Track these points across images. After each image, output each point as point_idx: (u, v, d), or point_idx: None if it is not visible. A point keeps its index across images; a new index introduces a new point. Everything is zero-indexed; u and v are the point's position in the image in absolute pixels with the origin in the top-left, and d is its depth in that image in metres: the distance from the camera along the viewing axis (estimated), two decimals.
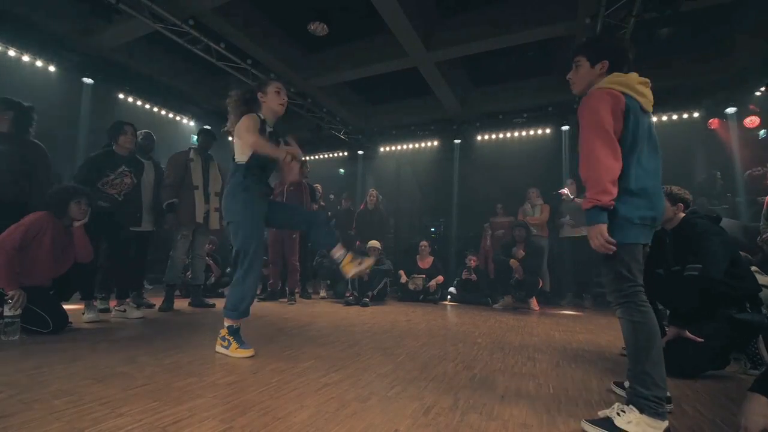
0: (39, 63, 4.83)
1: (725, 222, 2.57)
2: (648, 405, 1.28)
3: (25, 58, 4.73)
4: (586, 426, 1.34)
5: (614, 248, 1.36)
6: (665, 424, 1.28)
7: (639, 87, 1.46)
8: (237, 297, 2.17)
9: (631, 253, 1.40)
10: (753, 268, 2.44)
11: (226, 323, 2.19)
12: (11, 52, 4.62)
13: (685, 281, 2.07)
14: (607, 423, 1.31)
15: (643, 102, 1.46)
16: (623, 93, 1.43)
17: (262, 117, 2.26)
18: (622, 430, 1.27)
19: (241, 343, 2.14)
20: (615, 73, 1.49)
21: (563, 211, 5.34)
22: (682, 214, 2.23)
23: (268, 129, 2.30)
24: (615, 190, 1.36)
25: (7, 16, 4.50)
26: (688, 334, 2.09)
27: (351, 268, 2.22)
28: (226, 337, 2.17)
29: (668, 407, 1.44)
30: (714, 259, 2.00)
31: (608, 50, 1.55)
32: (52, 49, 4.89)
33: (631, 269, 1.39)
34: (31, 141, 3.02)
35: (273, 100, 2.28)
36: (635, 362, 1.35)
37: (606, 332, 3.41)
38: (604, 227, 1.36)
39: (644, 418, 1.28)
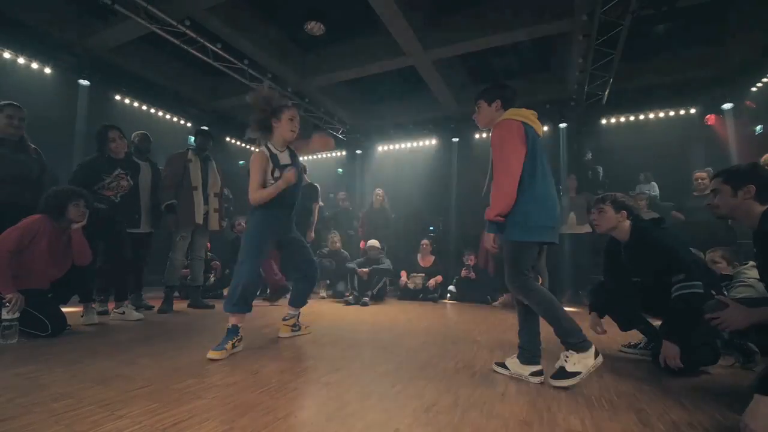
0: (35, 65, 4.80)
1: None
2: (579, 345, 1.72)
3: (21, 60, 4.70)
4: (553, 382, 1.73)
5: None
6: (593, 349, 1.74)
7: (531, 117, 1.91)
8: (232, 291, 2.23)
9: (530, 249, 1.83)
10: (751, 263, 2.46)
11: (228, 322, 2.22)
12: (6, 54, 4.59)
13: (685, 301, 1.88)
14: (562, 371, 1.74)
15: (537, 128, 1.91)
16: (522, 122, 1.86)
17: (271, 147, 2.37)
18: (574, 372, 1.71)
19: (218, 345, 2.10)
20: (512, 109, 1.94)
21: (565, 207, 5.34)
22: (627, 222, 2.18)
23: (279, 154, 2.38)
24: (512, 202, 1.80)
25: (2, 19, 4.48)
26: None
27: (285, 330, 2.64)
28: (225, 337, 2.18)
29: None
30: (694, 268, 1.92)
31: (498, 91, 2.02)
32: (47, 51, 4.86)
33: (526, 263, 1.82)
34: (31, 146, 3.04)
35: (285, 128, 2.36)
36: (557, 323, 1.76)
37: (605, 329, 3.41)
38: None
39: (580, 355, 1.72)
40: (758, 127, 5.28)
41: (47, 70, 4.93)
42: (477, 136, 7.31)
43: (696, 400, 1.63)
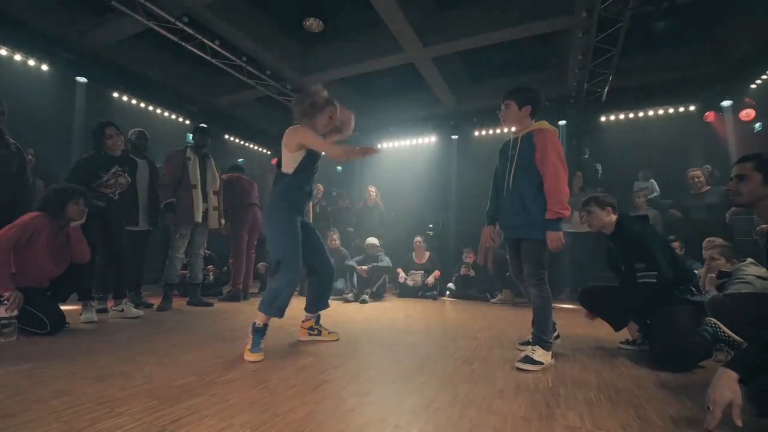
0: (31, 62, 4.78)
1: None
2: (547, 345, 2.03)
3: (17, 57, 4.68)
4: (520, 365, 1.94)
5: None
6: (551, 353, 2.06)
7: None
8: (272, 293, 2.15)
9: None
10: (749, 260, 2.47)
11: (256, 320, 2.13)
12: (3, 51, 4.57)
13: (642, 286, 2.18)
14: (529, 358, 1.97)
15: None
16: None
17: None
18: (539, 361, 1.95)
19: (255, 346, 2.05)
20: (545, 122, 2.10)
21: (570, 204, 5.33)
22: (614, 216, 2.36)
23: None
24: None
25: None
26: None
27: (302, 334, 2.54)
28: (249, 334, 2.11)
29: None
30: (663, 262, 2.15)
31: (531, 96, 2.10)
32: (44, 48, 4.83)
33: (546, 259, 2.09)
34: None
35: (322, 122, 2.35)
36: (544, 321, 2.06)
37: (604, 326, 3.41)
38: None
39: (544, 351, 2.00)
40: (757, 125, 5.28)
41: (44, 67, 4.90)
42: (476, 133, 7.30)
43: (694, 395, 1.63)
